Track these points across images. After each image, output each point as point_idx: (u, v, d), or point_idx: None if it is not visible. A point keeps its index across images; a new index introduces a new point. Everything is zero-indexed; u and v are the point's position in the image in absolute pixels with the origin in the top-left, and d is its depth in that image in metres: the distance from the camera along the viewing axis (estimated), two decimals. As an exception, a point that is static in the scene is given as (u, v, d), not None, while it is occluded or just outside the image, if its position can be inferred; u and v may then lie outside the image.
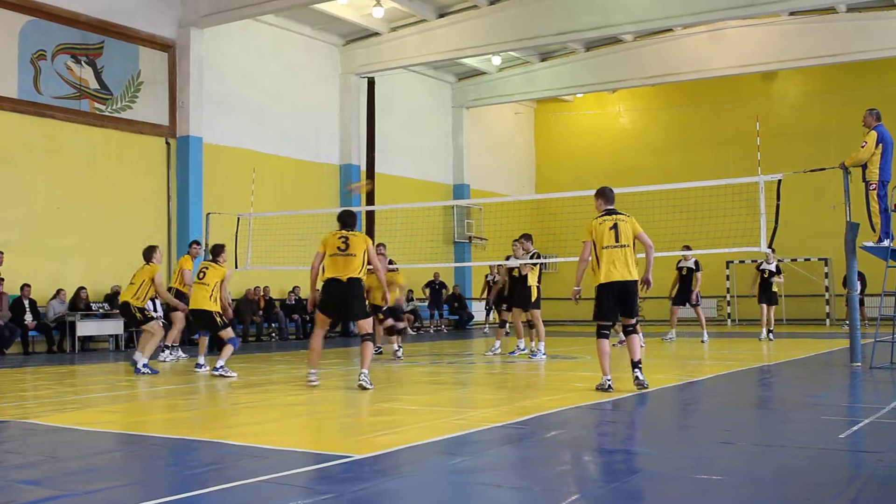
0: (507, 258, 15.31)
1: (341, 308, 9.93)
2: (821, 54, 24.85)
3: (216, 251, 13.02)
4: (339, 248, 9.77)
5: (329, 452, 5.87)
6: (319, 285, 9.94)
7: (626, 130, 32.57)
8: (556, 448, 6.21)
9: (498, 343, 15.33)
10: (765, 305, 18.29)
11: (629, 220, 9.32)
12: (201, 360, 12.78)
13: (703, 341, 17.67)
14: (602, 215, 9.38)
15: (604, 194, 9.58)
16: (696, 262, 18.27)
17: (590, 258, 9.32)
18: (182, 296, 13.83)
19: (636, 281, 9.22)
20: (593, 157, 32.34)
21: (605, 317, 9.28)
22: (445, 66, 28.39)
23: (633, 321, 9.59)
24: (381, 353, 15.56)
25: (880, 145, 11.49)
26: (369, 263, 10.06)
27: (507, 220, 22.07)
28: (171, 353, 14.71)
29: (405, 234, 21.28)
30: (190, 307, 12.73)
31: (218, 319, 12.32)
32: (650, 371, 11.59)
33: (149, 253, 13.10)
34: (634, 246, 9.28)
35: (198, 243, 15.21)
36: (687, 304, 18.47)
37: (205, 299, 12.27)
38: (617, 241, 9.16)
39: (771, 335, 18.01)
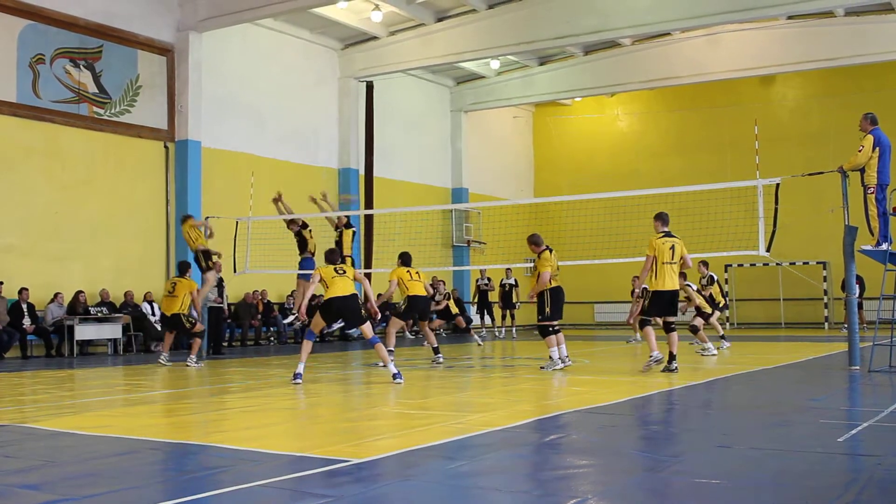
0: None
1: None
2: (819, 58, 24.88)
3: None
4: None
5: (327, 457, 5.86)
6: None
7: (625, 134, 32.60)
8: (554, 452, 6.21)
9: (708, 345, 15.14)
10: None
11: (680, 243, 11.52)
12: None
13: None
14: (662, 236, 11.51)
15: (661, 218, 11.72)
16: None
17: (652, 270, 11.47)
18: None
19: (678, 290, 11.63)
20: (592, 160, 32.36)
21: (653, 314, 11.73)
22: (444, 69, 28.41)
23: (673, 320, 11.76)
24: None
25: (877, 149, 11.51)
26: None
27: (505, 223, 22.09)
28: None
29: (403, 238, 21.25)
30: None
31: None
32: (650, 375, 11.61)
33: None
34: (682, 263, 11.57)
35: None
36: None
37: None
38: (672, 258, 11.39)
39: (724, 341, 16.74)
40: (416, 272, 14.32)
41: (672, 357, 11.54)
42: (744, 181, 14.57)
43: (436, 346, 14.60)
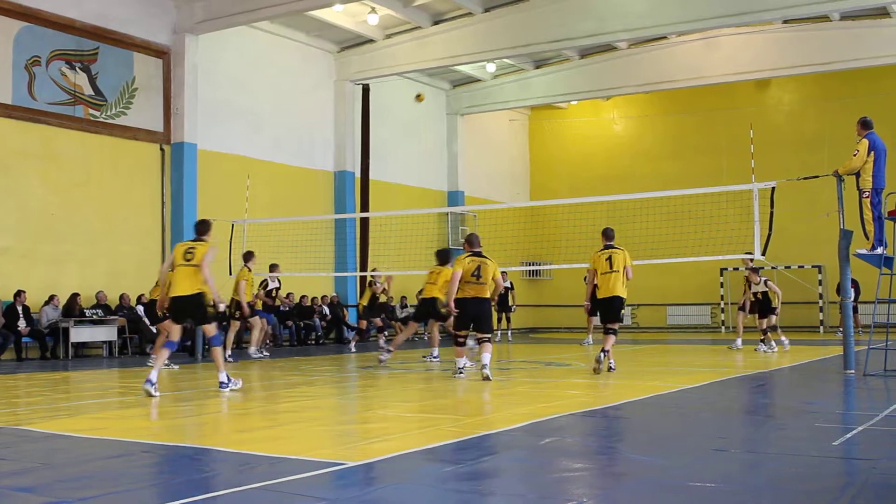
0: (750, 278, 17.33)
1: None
2: (815, 62, 24.92)
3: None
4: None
5: (322, 460, 5.85)
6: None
7: (621, 137, 32.62)
8: (550, 455, 6.20)
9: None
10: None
11: (622, 252, 12.38)
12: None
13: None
14: (602, 249, 12.46)
15: (604, 233, 12.68)
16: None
17: (595, 281, 12.54)
18: None
19: (622, 297, 12.33)
20: (588, 164, 32.39)
21: (604, 320, 12.60)
22: (440, 73, 28.42)
23: (616, 325, 12.49)
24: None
25: (872, 153, 11.53)
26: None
27: (501, 227, 22.09)
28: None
29: (399, 241, 21.28)
30: None
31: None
32: (646, 379, 11.63)
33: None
34: (624, 271, 12.31)
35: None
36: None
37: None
38: (611, 268, 12.29)
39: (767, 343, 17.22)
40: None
41: (605, 351, 12.19)
42: (739, 185, 14.58)
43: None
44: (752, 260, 16.81)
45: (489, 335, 11.78)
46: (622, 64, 27.39)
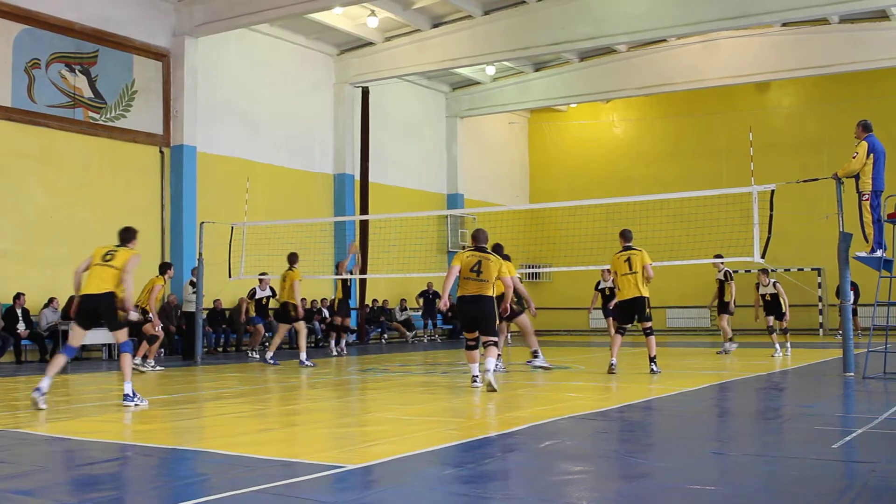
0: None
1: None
2: (814, 65, 24.93)
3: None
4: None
5: (321, 462, 5.86)
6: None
7: (620, 140, 32.61)
8: (550, 458, 6.20)
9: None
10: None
11: (639, 254, 12.63)
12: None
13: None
14: (621, 251, 12.79)
15: (622, 235, 12.98)
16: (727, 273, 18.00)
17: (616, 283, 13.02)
18: None
19: (644, 297, 12.57)
20: (587, 166, 32.38)
21: (621, 321, 13.00)
22: (439, 75, 28.43)
23: (648, 324, 12.88)
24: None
25: (871, 155, 11.54)
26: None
27: (501, 229, 22.08)
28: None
29: (399, 244, 21.28)
30: None
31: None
32: (646, 382, 11.63)
33: None
34: (643, 271, 12.56)
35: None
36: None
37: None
38: (630, 269, 12.58)
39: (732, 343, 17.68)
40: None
41: (651, 360, 12.68)
42: (739, 188, 14.58)
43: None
44: (722, 262, 17.06)
45: (494, 338, 10.69)
46: (621, 67, 27.39)
